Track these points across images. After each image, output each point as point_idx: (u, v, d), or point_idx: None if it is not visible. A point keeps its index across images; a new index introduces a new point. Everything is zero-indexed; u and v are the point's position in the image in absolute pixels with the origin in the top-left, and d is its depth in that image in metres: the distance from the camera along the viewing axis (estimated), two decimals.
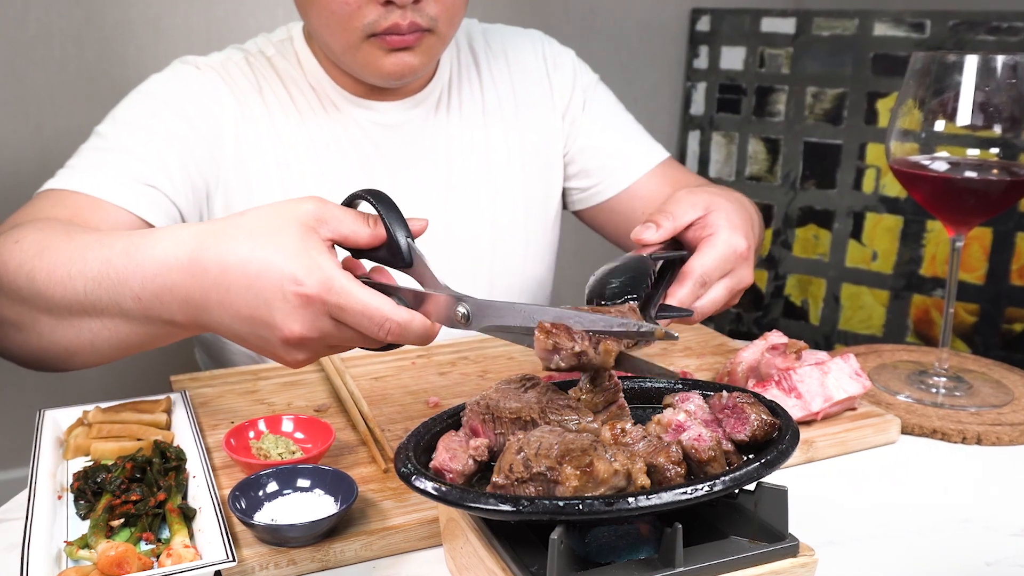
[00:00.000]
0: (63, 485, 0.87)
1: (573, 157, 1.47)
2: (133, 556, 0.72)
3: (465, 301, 0.78)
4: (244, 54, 1.31)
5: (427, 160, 1.35)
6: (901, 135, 1.07)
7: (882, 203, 2.36)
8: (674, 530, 0.63)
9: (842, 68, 2.41)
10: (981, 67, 1.02)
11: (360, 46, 1.19)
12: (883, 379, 1.15)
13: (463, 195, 1.37)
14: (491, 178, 1.39)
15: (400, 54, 1.20)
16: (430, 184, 1.35)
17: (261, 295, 0.78)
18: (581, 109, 1.47)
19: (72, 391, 2.20)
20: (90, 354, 0.95)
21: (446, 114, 1.37)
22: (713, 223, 0.98)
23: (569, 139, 1.47)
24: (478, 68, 1.42)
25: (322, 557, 0.77)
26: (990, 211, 1.06)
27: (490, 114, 1.40)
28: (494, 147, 1.40)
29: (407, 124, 1.33)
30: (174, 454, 0.88)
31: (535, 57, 1.46)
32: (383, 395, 1.09)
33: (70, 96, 2.11)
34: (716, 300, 0.96)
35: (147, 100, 1.23)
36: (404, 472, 0.68)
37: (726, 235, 0.97)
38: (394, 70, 1.21)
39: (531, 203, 1.44)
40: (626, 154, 1.45)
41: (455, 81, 1.39)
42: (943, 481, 0.95)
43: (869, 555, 0.81)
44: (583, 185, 1.48)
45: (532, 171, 1.43)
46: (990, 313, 2.21)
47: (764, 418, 0.71)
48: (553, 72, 1.46)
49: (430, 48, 1.22)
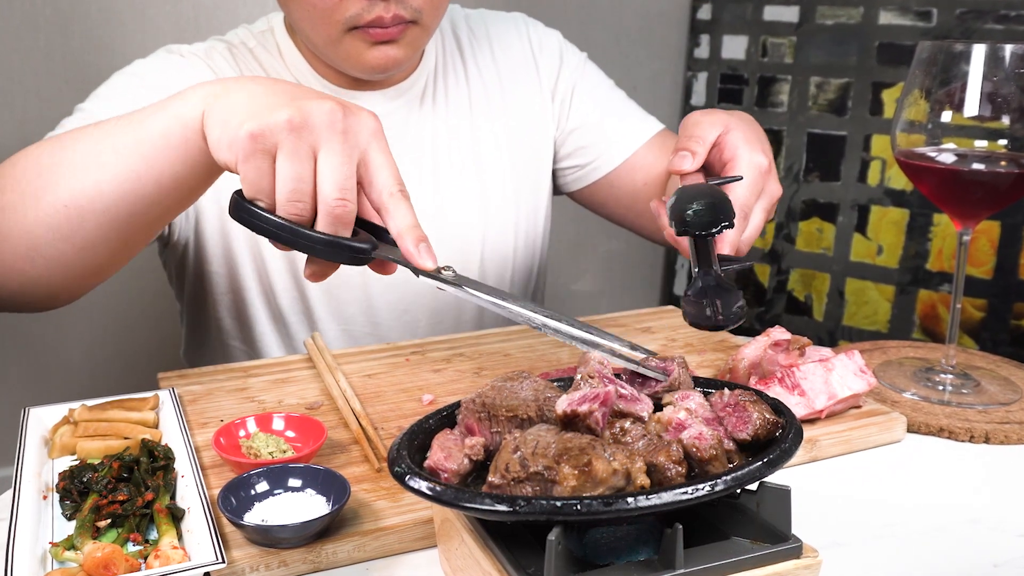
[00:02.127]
0: (48, 485, 0.87)
1: (565, 138, 1.48)
2: (120, 558, 0.72)
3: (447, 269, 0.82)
4: (227, 45, 1.32)
5: (413, 151, 1.35)
6: (907, 126, 1.07)
7: (887, 196, 2.36)
8: (674, 531, 0.63)
9: (846, 57, 2.40)
10: (989, 56, 1.02)
11: (342, 39, 1.19)
12: (888, 376, 1.15)
13: (450, 186, 1.37)
14: (479, 168, 1.40)
15: (383, 47, 1.19)
16: (416, 175, 1.35)
17: (296, 88, 0.83)
18: (570, 89, 1.47)
19: (57, 388, 2.20)
20: (78, 224, 0.93)
21: (431, 104, 1.37)
22: (731, 143, 1.02)
23: (560, 120, 1.47)
24: (463, 56, 1.42)
25: (314, 559, 0.77)
26: (998, 204, 1.06)
27: (476, 102, 1.41)
28: (481, 136, 1.40)
29: (391, 115, 1.33)
30: (162, 453, 0.88)
31: (520, 41, 1.47)
32: (376, 392, 1.09)
33: (55, 87, 2.10)
34: (758, 226, 1.00)
35: (130, 80, 1.24)
36: (398, 471, 0.68)
37: (747, 155, 1.00)
38: (377, 63, 1.21)
39: (521, 192, 1.44)
40: (621, 128, 1.46)
41: (440, 70, 1.39)
42: (950, 481, 0.95)
43: (874, 556, 0.81)
44: (579, 163, 1.48)
45: (520, 158, 1.44)
46: (998, 309, 2.21)
47: (767, 416, 0.71)
48: (539, 55, 1.47)
49: (414, 40, 1.22)
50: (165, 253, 1.38)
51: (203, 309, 1.37)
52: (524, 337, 1.27)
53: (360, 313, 1.36)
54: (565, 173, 1.51)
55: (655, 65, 2.75)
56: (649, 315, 1.38)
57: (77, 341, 2.22)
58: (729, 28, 2.61)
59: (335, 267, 0.84)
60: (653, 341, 1.27)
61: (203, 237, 1.30)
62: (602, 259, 2.78)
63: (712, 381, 0.81)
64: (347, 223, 0.81)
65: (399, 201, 0.82)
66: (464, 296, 0.81)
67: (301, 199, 0.80)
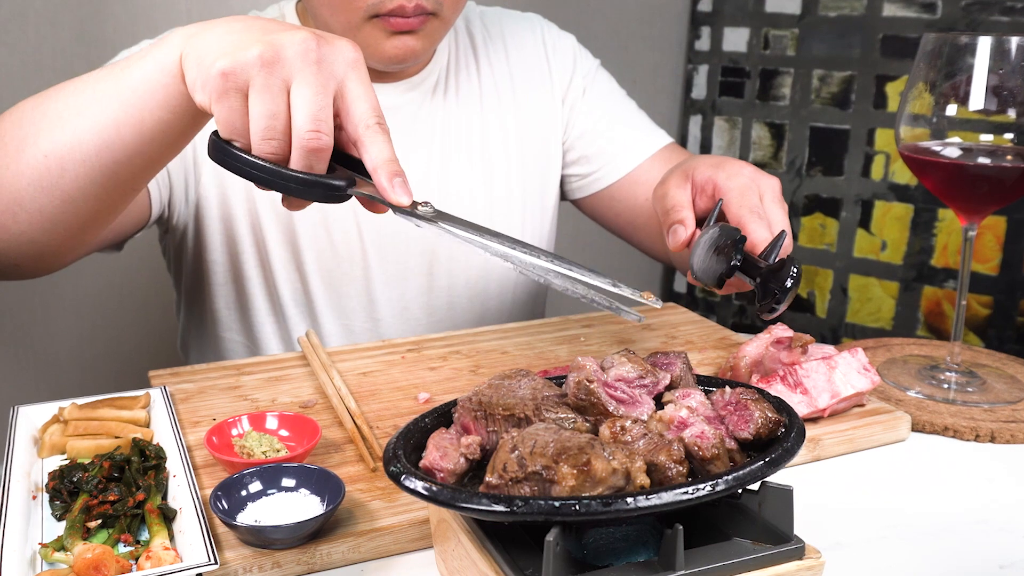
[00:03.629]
0: (38, 485, 0.86)
1: (572, 143, 1.48)
2: (111, 559, 0.72)
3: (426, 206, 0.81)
4: None
5: (422, 144, 1.35)
6: (911, 120, 1.07)
7: (892, 191, 2.36)
8: (675, 531, 0.63)
9: (850, 50, 2.40)
10: (995, 49, 1.01)
11: (362, 27, 1.19)
12: (893, 374, 1.15)
13: (458, 180, 1.38)
14: (487, 164, 1.40)
15: (403, 37, 1.20)
16: (425, 169, 1.36)
17: (273, 24, 0.81)
18: (581, 95, 1.47)
19: (47, 387, 2.20)
20: (59, 174, 0.92)
21: (443, 98, 1.37)
22: (702, 178, 1.05)
23: (568, 125, 1.48)
24: (476, 53, 1.42)
25: (308, 560, 0.77)
26: (1004, 199, 1.06)
27: (487, 100, 1.41)
28: (491, 133, 1.41)
29: (403, 107, 1.33)
30: (154, 452, 0.88)
31: (534, 42, 1.47)
32: (371, 391, 1.09)
33: (45, 80, 2.10)
34: (781, 220, 1.01)
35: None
36: (393, 471, 0.68)
37: (722, 175, 1.03)
38: (396, 53, 1.21)
39: (528, 190, 1.44)
40: (626, 140, 1.46)
41: (453, 65, 1.40)
42: (955, 481, 0.95)
43: (878, 558, 0.81)
44: (583, 172, 1.48)
45: (529, 158, 1.44)
46: (1004, 305, 2.21)
47: (769, 415, 0.71)
48: (552, 57, 1.47)
49: (433, 32, 1.22)
50: (165, 239, 1.38)
51: (201, 298, 1.37)
52: (522, 334, 1.27)
53: (360, 308, 1.36)
54: (570, 180, 1.51)
55: (655, 58, 2.74)
56: (649, 311, 1.37)
57: (67, 338, 2.22)
58: (730, 20, 2.60)
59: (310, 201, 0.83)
60: (653, 338, 1.27)
61: (203, 223, 1.30)
62: (602, 256, 2.78)
63: (713, 379, 0.81)
64: (322, 157, 0.78)
65: (375, 134, 0.79)
66: (441, 231, 0.79)
67: (275, 136, 0.78)
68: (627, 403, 0.72)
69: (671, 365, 0.79)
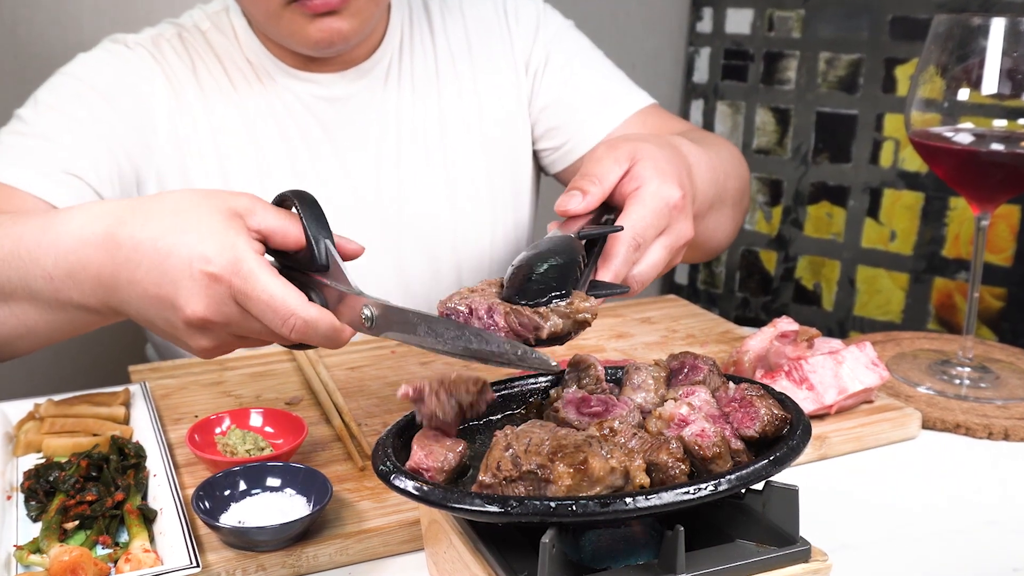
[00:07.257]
0: (13, 484, 0.86)
1: (538, 116, 1.43)
2: (89, 561, 0.72)
3: (373, 306, 0.78)
4: (178, 29, 1.30)
5: (377, 135, 1.33)
6: (922, 105, 1.07)
7: (901, 178, 2.36)
8: (675, 533, 0.63)
9: (858, 32, 2.40)
10: (1009, 31, 1.01)
11: (282, 13, 1.17)
12: (902, 369, 1.15)
13: (418, 172, 1.35)
14: (448, 152, 1.37)
15: (325, 19, 1.18)
16: (381, 161, 1.33)
17: (168, 273, 0.79)
18: (543, 61, 1.42)
19: (22, 382, 2.19)
20: None
21: (396, 84, 1.35)
22: (639, 175, 0.91)
23: (534, 95, 1.43)
24: (431, 27, 1.39)
25: (294, 562, 0.77)
26: (1018, 187, 1.06)
27: (445, 80, 1.38)
28: (450, 117, 1.37)
29: (354, 97, 1.32)
30: (133, 451, 0.88)
31: (494, 9, 1.43)
32: (360, 387, 1.09)
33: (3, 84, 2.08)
34: (656, 263, 0.90)
35: (71, 83, 1.23)
36: (383, 470, 0.68)
37: (655, 186, 0.90)
38: (321, 37, 1.19)
39: (495, 175, 1.40)
40: (596, 105, 1.40)
41: (406, 46, 1.36)
42: (967, 480, 0.95)
43: (886, 560, 0.81)
44: (554, 144, 1.43)
45: (494, 139, 1.40)
46: (1018, 297, 2.22)
47: (774, 412, 0.71)
48: (514, 25, 1.43)
49: (360, 10, 1.20)
50: None
51: None
52: None
53: None
54: (543, 155, 1.45)
55: (654, 41, 2.74)
56: (649, 304, 1.38)
57: None
58: (733, 1, 2.60)
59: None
60: (653, 331, 1.27)
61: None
62: None
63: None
64: (306, 335, 0.80)
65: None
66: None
67: (270, 340, 0.83)
68: (601, 414, 0.72)
69: (697, 370, 0.78)
